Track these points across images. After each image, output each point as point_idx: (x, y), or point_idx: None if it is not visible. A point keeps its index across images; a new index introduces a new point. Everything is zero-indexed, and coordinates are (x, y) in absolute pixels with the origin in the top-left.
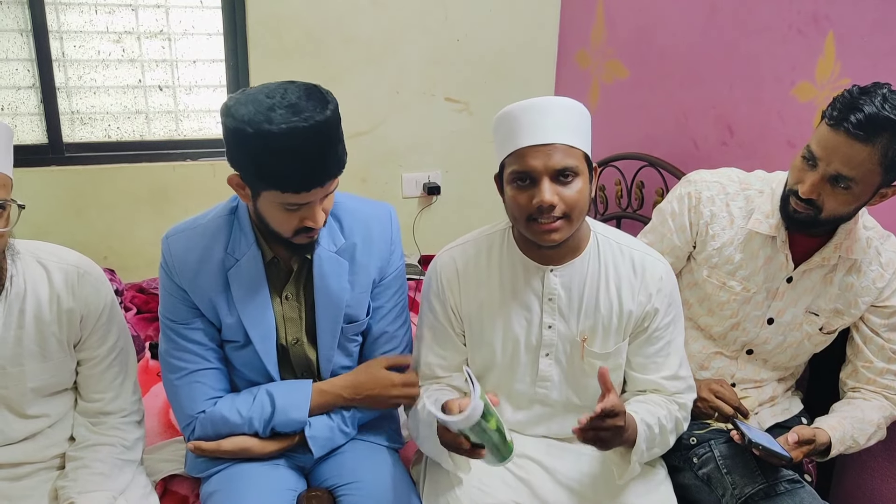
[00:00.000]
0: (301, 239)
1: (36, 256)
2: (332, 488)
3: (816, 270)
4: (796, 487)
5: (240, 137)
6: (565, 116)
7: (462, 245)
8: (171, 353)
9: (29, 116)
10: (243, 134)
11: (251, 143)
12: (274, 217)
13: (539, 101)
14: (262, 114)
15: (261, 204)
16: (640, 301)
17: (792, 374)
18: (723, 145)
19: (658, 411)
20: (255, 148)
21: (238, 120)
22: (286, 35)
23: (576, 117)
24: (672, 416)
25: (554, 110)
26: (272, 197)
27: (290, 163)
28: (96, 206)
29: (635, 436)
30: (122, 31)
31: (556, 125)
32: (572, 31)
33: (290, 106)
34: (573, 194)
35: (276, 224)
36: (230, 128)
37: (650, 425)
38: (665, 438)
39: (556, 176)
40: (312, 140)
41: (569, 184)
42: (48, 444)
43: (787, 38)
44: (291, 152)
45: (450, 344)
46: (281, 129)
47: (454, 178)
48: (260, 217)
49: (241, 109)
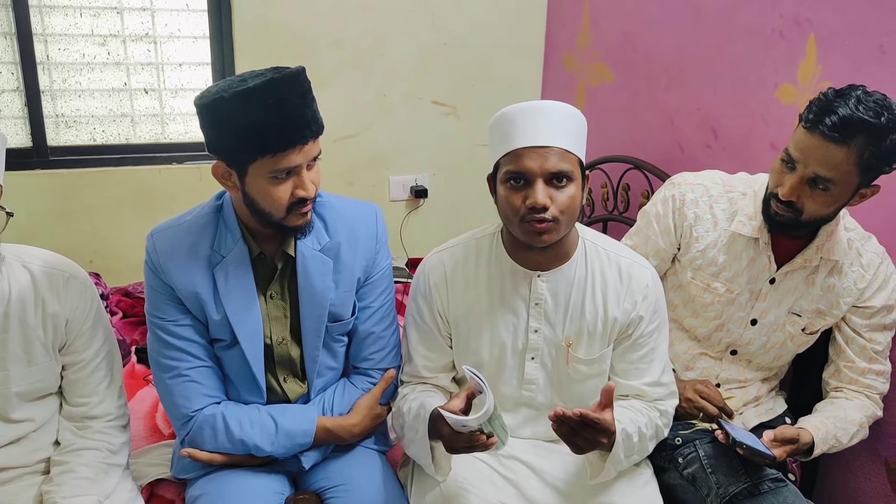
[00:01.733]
0: (295, 218)
1: (21, 260)
2: (320, 491)
3: (799, 272)
4: (780, 486)
5: (217, 108)
6: (563, 121)
7: (451, 248)
8: (161, 353)
9: (13, 120)
10: (220, 102)
11: (230, 107)
12: (265, 195)
13: (538, 104)
14: (236, 81)
15: (249, 185)
16: (626, 308)
17: (776, 375)
18: (707, 148)
19: (639, 419)
20: (234, 112)
21: (212, 94)
22: (273, 38)
23: (573, 123)
24: (652, 423)
25: (552, 114)
26: (259, 169)
27: (272, 117)
28: (81, 209)
29: (612, 441)
30: (107, 34)
31: (554, 129)
32: (559, 34)
33: (259, 74)
34: (566, 199)
35: (268, 203)
36: (206, 104)
37: (629, 434)
38: (644, 445)
39: (551, 179)
40: (289, 90)
41: (562, 188)
42: (33, 448)
43: (769, 42)
44: (271, 105)
45: (436, 345)
46: (256, 83)
47: (441, 181)
48: (251, 203)
49: (213, 88)
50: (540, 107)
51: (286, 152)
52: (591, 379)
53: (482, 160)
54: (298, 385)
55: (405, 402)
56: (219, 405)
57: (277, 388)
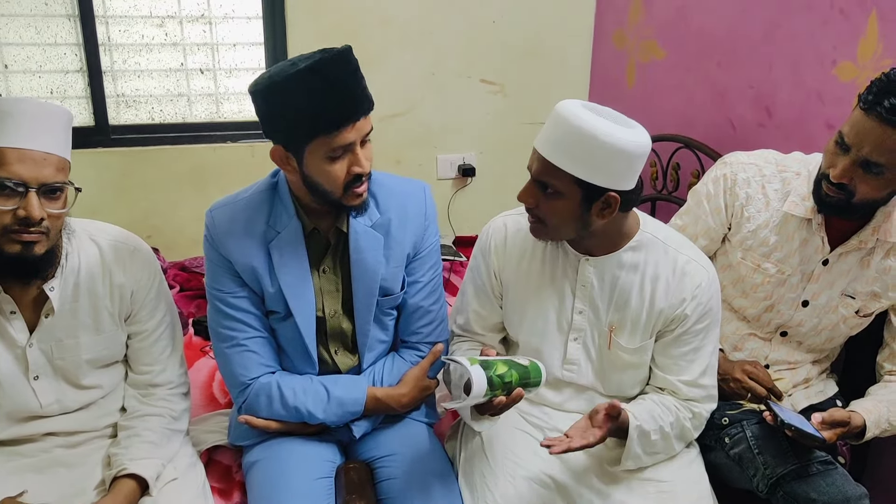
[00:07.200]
0: (352, 198)
1: (89, 234)
2: (370, 461)
3: (853, 253)
4: (829, 469)
5: (272, 92)
6: (575, 143)
7: (517, 216)
8: (221, 323)
9: (77, 100)
10: (274, 86)
11: (282, 91)
12: (324, 175)
13: (572, 118)
14: (287, 65)
15: (308, 167)
16: (672, 303)
17: (827, 357)
18: (760, 127)
19: (664, 417)
20: (287, 95)
21: (266, 79)
22: (323, 18)
23: (587, 150)
24: (679, 423)
25: (571, 132)
26: (316, 150)
27: (323, 96)
28: (140, 186)
29: (626, 426)
30: (164, 15)
31: (559, 143)
32: (609, 11)
33: (308, 57)
34: (548, 205)
35: (327, 182)
36: (260, 90)
37: (646, 431)
38: (668, 444)
39: (539, 182)
40: (338, 69)
41: (550, 195)
42: (101, 413)
43: (828, 17)
44: (322, 85)
45: (487, 303)
46: (306, 64)
47: (489, 159)
48: (312, 184)
49: (265, 74)
50: (570, 120)
51: (340, 130)
52: (631, 368)
53: (530, 139)
54: (349, 358)
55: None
56: (274, 374)
57: (329, 360)
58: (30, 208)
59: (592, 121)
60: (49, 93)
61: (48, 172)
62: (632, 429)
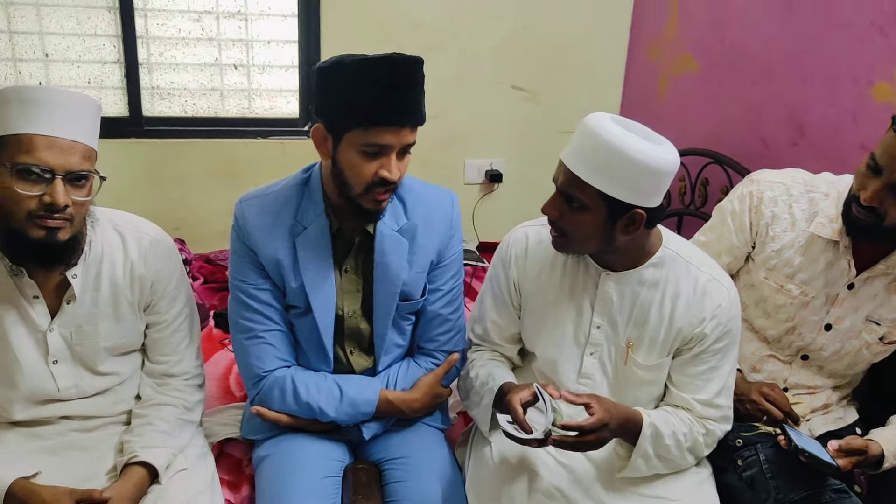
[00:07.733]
0: (370, 201)
1: (113, 224)
2: (379, 462)
3: (880, 278)
4: (843, 497)
5: (335, 71)
6: (603, 157)
7: (538, 227)
8: (241, 314)
9: (112, 90)
10: (339, 66)
11: (344, 73)
12: (353, 168)
13: (601, 132)
14: (358, 55)
15: (341, 154)
16: (692, 322)
17: (849, 383)
18: (793, 145)
19: (678, 426)
20: (347, 76)
21: (336, 59)
22: (357, 19)
23: (615, 165)
24: (693, 436)
25: (599, 146)
26: (353, 139)
27: (379, 90)
28: (171, 178)
29: (638, 430)
30: (202, 10)
31: (587, 157)
32: (645, 22)
33: (381, 54)
34: (572, 219)
35: (353, 176)
36: (325, 67)
37: (660, 432)
38: (681, 453)
39: (564, 195)
40: (407, 71)
41: (574, 209)
42: (117, 400)
43: (866, 36)
44: (382, 80)
45: (506, 313)
46: (378, 56)
47: (517, 166)
48: (338, 172)
49: (337, 55)
50: (600, 134)
51: (381, 128)
52: (646, 385)
53: (559, 147)
54: (364, 359)
55: (473, 367)
56: (289, 368)
57: (344, 360)
58: (55, 195)
59: (622, 136)
60: (87, 82)
61: (75, 160)
62: (645, 426)
